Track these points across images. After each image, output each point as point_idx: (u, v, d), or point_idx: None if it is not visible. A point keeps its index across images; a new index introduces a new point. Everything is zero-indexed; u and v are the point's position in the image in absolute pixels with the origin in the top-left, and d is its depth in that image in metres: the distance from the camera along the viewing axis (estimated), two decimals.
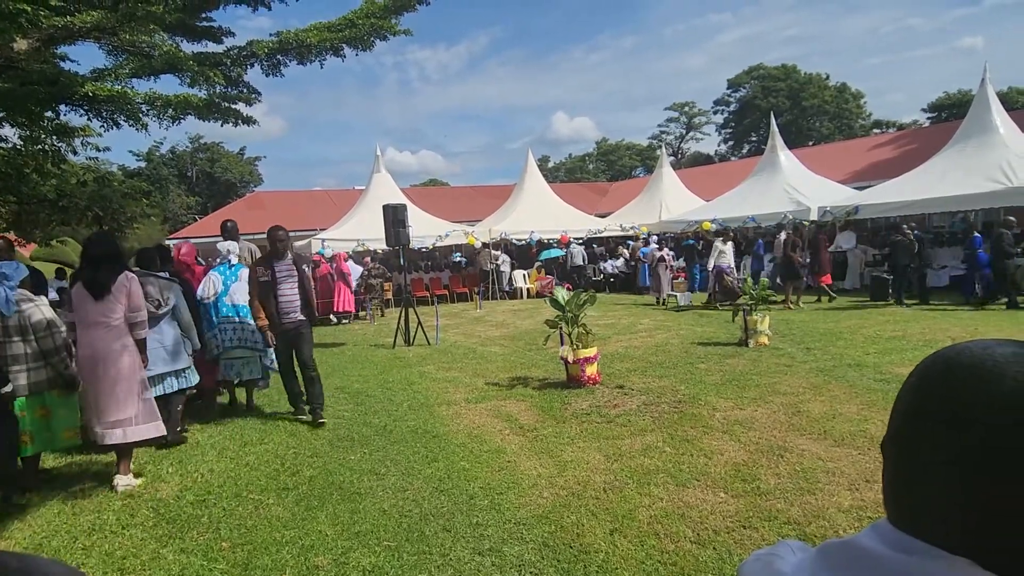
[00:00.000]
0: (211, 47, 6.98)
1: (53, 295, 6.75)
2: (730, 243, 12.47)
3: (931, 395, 0.53)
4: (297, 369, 5.68)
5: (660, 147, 29.58)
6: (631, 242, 17.73)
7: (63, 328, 4.16)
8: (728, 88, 49.14)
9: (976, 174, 11.08)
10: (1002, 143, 11.44)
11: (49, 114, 5.98)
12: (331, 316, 13.87)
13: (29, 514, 3.89)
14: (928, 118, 39.94)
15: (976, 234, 10.64)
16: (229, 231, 6.42)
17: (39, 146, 7.02)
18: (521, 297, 17.37)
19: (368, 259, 15.42)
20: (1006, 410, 0.48)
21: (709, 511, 3.36)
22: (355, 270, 15.09)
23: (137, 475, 4.39)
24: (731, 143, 50.19)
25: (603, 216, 21.02)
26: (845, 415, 4.82)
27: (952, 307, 10.15)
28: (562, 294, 6.66)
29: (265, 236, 5.68)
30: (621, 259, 17.49)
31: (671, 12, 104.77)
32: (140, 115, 6.00)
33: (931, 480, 0.52)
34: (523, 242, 17.83)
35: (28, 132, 6.60)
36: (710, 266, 12.44)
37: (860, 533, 0.56)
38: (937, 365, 0.55)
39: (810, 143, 38.47)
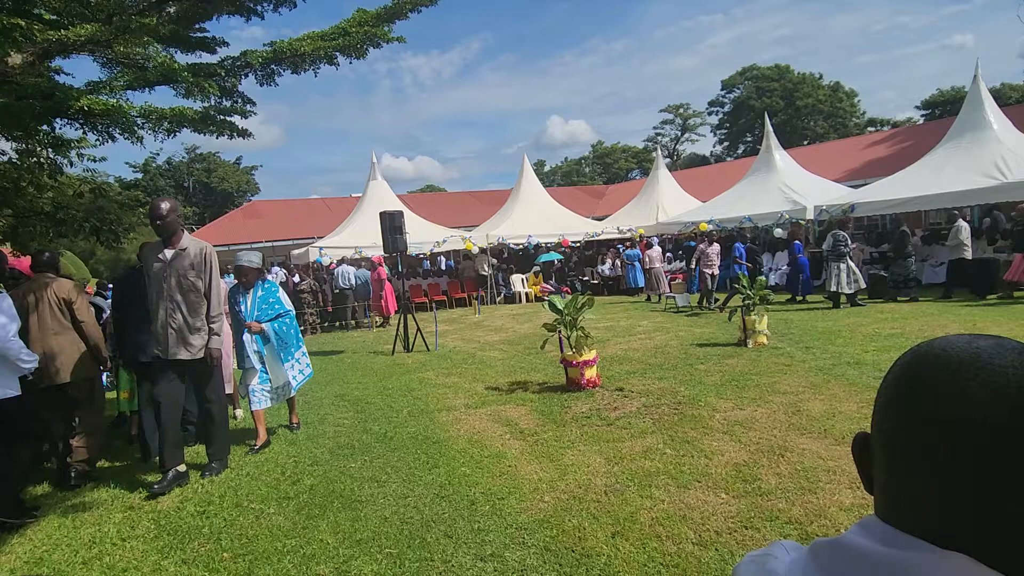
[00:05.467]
0: (205, 58, 6.99)
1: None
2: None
3: (916, 390, 0.54)
4: None
5: (656, 149, 29.59)
6: (620, 246, 18.12)
7: None
8: (722, 89, 49.32)
9: (971, 170, 11.13)
10: (996, 139, 11.49)
11: (45, 128, 5.98)
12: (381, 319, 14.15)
13: (29, 528, 3.88)
14: (922, 115, 40.09)
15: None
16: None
17: (35, 159, 7.01)
18: (519, 301, 17.37)
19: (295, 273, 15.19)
20: (989, 403, 0.49)
21: (711, 512, 3.35)
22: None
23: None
24: (726, 144, 50.33)
25: (600, 219, 21.04)
26: (845, 413, 4.82)
27: (953, 303, 10.17)
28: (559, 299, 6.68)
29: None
30: (618, 261, 17.65)
31: (661, 15, 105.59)
32: (135, 128, 6.00)
33: (917, 475, 0.53)
34: (520, 246, 17.85)
35: (24, 145, 6.60)
36: None
37: (849, 531, 0.57)
38: (917, 359, 0.56)
39: (805, 142, 38.60)
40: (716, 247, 12.65)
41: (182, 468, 4.44)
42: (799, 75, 44.51)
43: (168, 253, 4.42)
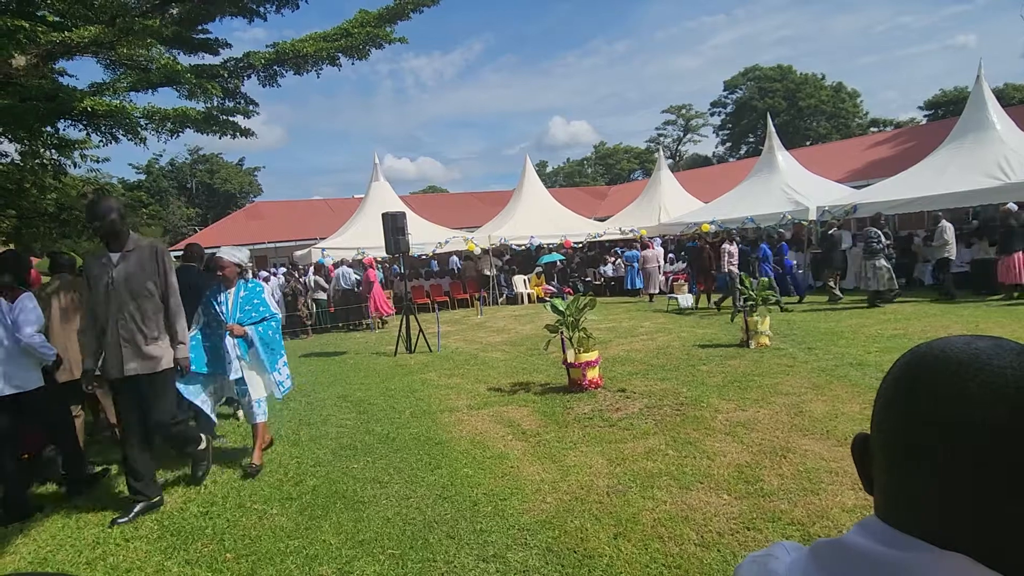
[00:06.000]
0: (208, 59, 7.02)
1: None
2: None
3: (915, 391, 0.54)
4: None
5: (658, 150, 29.59)
6: (619, 248, 18.14)
7: None
8: (724, 90, 49.36)
9: (974, 171, 11.11)
10: (999, 139, 11.47)
11: (48, 129, 6.01)
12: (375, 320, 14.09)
13: (33, 528, 3.90)
14: (925, 116, 40.02)
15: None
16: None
17: (38, 160, 7.05)
18: (521, 302, 17.37)
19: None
20: (988, 404, 0.49)
21: (712, 513, 3.35)
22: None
23: None
24: (728, 144, 50.31)
25: (602, 220, 21.05)
26: (848, 415, 4.82)
27: (955, 304, 10.14)
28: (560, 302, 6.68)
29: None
30: (620, 261, 17.68)
31: (662, 16, 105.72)
32: (139, 129, 6.02)
33: (917, 475, 0.53)
34: (523, 247, 17.86)
35: (28, 147, 6.64)
36: None
37: (849, 531, 0.57)
38: (916, 360, 0.56)
39: (807, 143, 38.57)
40: (735, 247, 12.65)
41: (155, 499, 4.04)
42: (801, 76, 44.49)
43: (114, 257, 3.89)
